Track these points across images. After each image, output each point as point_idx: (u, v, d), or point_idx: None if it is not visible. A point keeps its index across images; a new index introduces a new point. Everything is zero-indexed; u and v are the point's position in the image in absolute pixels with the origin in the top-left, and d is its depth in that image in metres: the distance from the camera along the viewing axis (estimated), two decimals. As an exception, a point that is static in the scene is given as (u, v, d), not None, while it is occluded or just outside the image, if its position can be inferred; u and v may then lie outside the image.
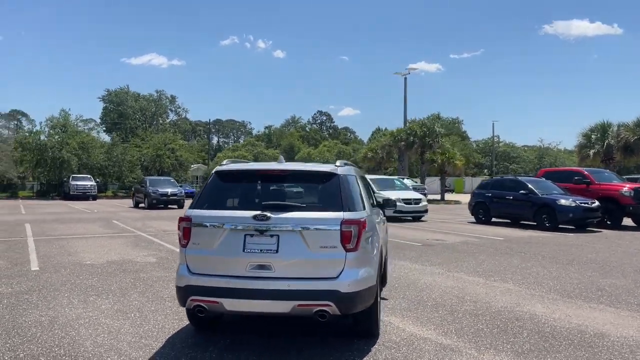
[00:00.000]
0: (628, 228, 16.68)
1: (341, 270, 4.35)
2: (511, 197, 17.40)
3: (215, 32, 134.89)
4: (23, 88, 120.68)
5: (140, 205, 29.00)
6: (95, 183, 39.91)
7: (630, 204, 16.60)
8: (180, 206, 27.70)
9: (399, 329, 5.31)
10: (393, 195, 19.26)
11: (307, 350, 4.64)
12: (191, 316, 5.08)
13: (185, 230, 4.62)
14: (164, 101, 76.65)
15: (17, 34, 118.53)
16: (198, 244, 4.56)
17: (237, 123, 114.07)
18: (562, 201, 15.93)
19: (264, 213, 4.40)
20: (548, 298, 6.80)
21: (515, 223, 17.86)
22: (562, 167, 36.14)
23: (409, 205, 19.34)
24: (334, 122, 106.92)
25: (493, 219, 18.40)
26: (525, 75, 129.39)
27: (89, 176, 40.97)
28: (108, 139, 59.40)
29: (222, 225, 4.48)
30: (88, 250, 10.84)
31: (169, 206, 28.27)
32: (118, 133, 61.63)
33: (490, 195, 18.41)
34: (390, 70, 48.98)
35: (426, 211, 20.18)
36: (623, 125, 29.75)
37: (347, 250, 4.37)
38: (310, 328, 5.23)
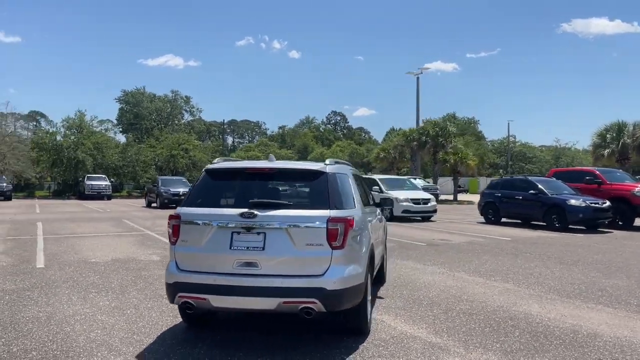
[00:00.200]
0: (640, 229, 16.46)
1: (327, 267, 4.37)
2: (521, 197, 17.23)
3: (231, 33, 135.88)
4: (42, 89, 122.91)
5: (152, 204, 29.24)
6: (109, 183, 40.32)
7: (642, 205, 16.35)
8: None
9: (391, 327, 5.31)
10: (401, 195, 19.26)
11: (296, 346, 4.67)
12: (182, 313, 5.15)
13: (174, 227, 4.68)
14: (179, 102, 77.20)
15: (36, 37, 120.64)
16: (187, 242, 4.62)
17: (252, 123, 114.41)
18: (572, 201, 15.74)
19: (251, 211, 4.45)
20: (546, 298, 6.75)
21: (525, 223, 17.70)
22: (573, 167, 35.67)
23: (418, 205, 19.21)
24: (348, 122, 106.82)
25: (503, 220, 18.24)
26: (542, 74, 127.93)
27: (104, 176, 41.43)
28: (124, 140, 60.09)
29: (210, 222, 4.53)
30: (94, 248, 11.00)
31: (181, 206, 28.36)
32: (134, 134, 62.25)
33: (499, 195, 18.24)
34: (406, 70, 48.59)
35: (435, 211, 20.03)
36: (639, 124, 29.31)
37: (334, 248, 4.39)
38: (300, 325, 5.26)
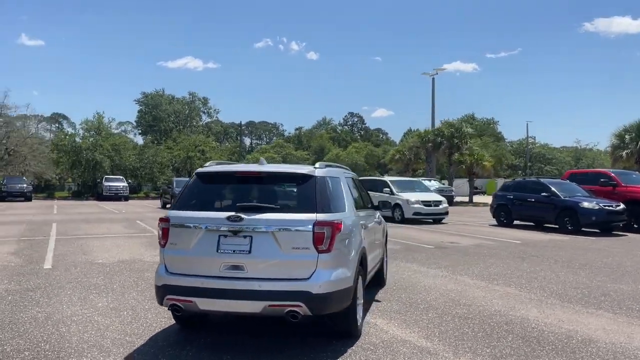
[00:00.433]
0: (656, 232, 16.10)
1: (313, 271, 4.38)
2: (533, 200, 17.00)
3: (249, 35, 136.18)
4: (64, 92, 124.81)
5: (167, 206, 29.48)
6: (127, 184, 40.87)
7: (658, 208, 16.01)
8: None
9: (382, 331, 5.30)
10: (412, 197, 19.16)
11: (283, 349, 4.69)
12: (173, 314, 5.20)
13: (164, 230, 4.74)
14: (197, 103, 77.89)
15: (59, 40, 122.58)
16: (176, 244, 4.67)
17: (270, 125, 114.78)
18: (585, 204, 15.49)
19: (238, 214, 4.48)
20: (546, 303, 6.65)
21: (538, 226, 17.45)
22: (588, 169, 35.00)
23: (429, 207, 19.09)
24: (365, 124, 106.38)
25: (515, 222, 18.02)
26: (564, 74, 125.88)
27: (121, 177, 42.02)
28: (142, 142, 60.85)
29: (198, 225, 4.58)
30: (103, 249, 11.16)
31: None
32: (153, 135, 62.89)
33: (512, 197, 18.02)
34: (424, 70, 48.21)
35: (446, 213, 19.87)
36: (659, 125, 28.74)
37: (320, 251, 4.40)
38: (291, 328, 5.26)
